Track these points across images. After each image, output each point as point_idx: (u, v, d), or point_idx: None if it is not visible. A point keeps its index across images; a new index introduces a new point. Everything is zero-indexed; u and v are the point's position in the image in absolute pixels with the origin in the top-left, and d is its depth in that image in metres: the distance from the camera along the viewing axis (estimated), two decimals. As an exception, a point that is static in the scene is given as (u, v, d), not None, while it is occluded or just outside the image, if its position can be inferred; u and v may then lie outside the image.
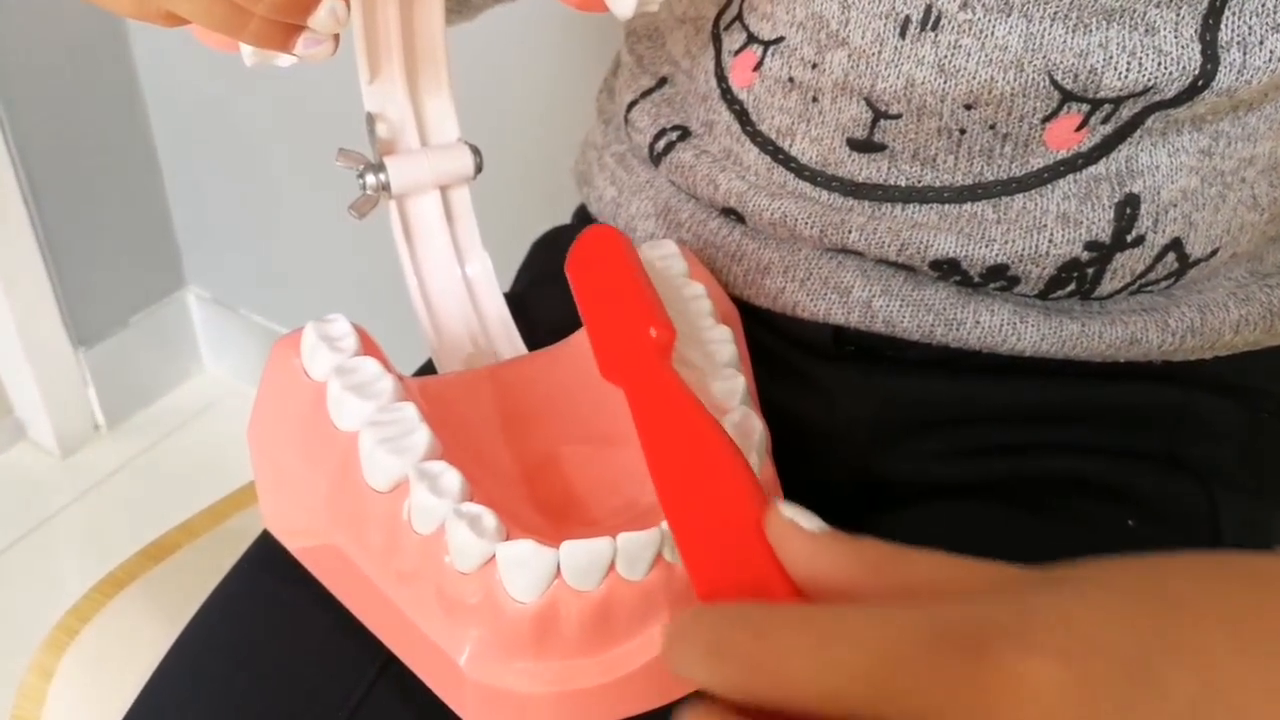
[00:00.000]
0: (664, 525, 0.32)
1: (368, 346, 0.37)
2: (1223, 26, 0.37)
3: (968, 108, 0.40)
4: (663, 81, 0.50)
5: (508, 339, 0.46)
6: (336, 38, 0.35)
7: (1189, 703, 0.21)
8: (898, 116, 0.41)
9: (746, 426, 0.36)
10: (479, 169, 0.46)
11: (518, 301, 0.49)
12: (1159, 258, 0.42)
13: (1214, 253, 0.42)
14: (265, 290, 1.33)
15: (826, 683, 0.21)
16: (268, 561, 0.43)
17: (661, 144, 0.48)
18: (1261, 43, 0.37)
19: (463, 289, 0.47)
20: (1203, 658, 0.21)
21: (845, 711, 0.21)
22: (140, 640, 0.59)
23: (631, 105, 0.51)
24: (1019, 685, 0.21)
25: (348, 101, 0.46)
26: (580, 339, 0.43)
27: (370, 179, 0.44)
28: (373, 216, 0.46)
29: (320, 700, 0.39)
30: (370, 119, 0.45)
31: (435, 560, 0.33)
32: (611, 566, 0.32)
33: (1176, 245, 0.42)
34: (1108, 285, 0.42)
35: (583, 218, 0.58)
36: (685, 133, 0.48)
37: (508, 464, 0.38)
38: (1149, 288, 0.43)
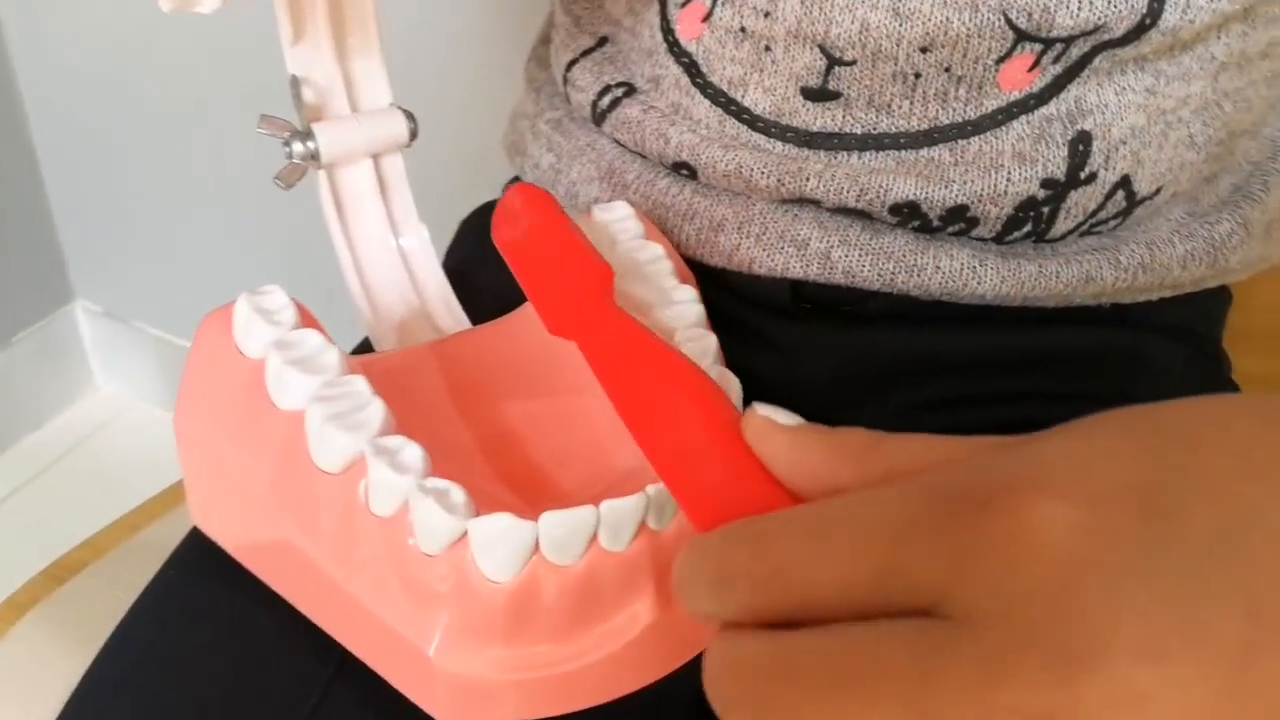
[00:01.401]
0: (649, 490, 0.30)
1: (307, 320, 0.34)
2: None
3: (923, 51, 0.40)
4: (603, 41, 0.48)
5: (450, 313, 0.44)
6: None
7: (1211, 533, 0.19)
8: (852, 63, 0.40)
9: (724, 385, 0.34)
10: (414, 135, 0.44)
11: (455, 277, 0.47)
12: (1109, 195, 0.42)
13: (1157, 191, 0.43)
14: (161, 301, 1.27)
15: (833, 576, 0.20)
16: (198, 564, 0.40)
17: (605, 101, 0.46)
18: None
19: (399, 262, 0.44)
20: (1219, 487, 0.20)
21: (862, 600, 0.20)
22: (48, 667, 0.54)
23: (571, 64, 0.48)
24: (1035, 533, 0.19)
25: (249, 87, 0.43)
26: (531, 309, 0.41)
27: (297, 147, 0.41)
28: (300, 188, 0.43)
29: (273, 707, 0.35)
30: (295, 83, 0.42)
31: (398, 544, 0.30)
32: (593, 538, 0.30)
33: (1125, 183, 0.42)
34: (1061, 225, 0.43)
35: None
36: (631, 89, 0.46)
37: (465, 441, 0.36)
38: (1098, 228, 0.44)
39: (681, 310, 0.37)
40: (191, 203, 1.16)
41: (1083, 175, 0.41)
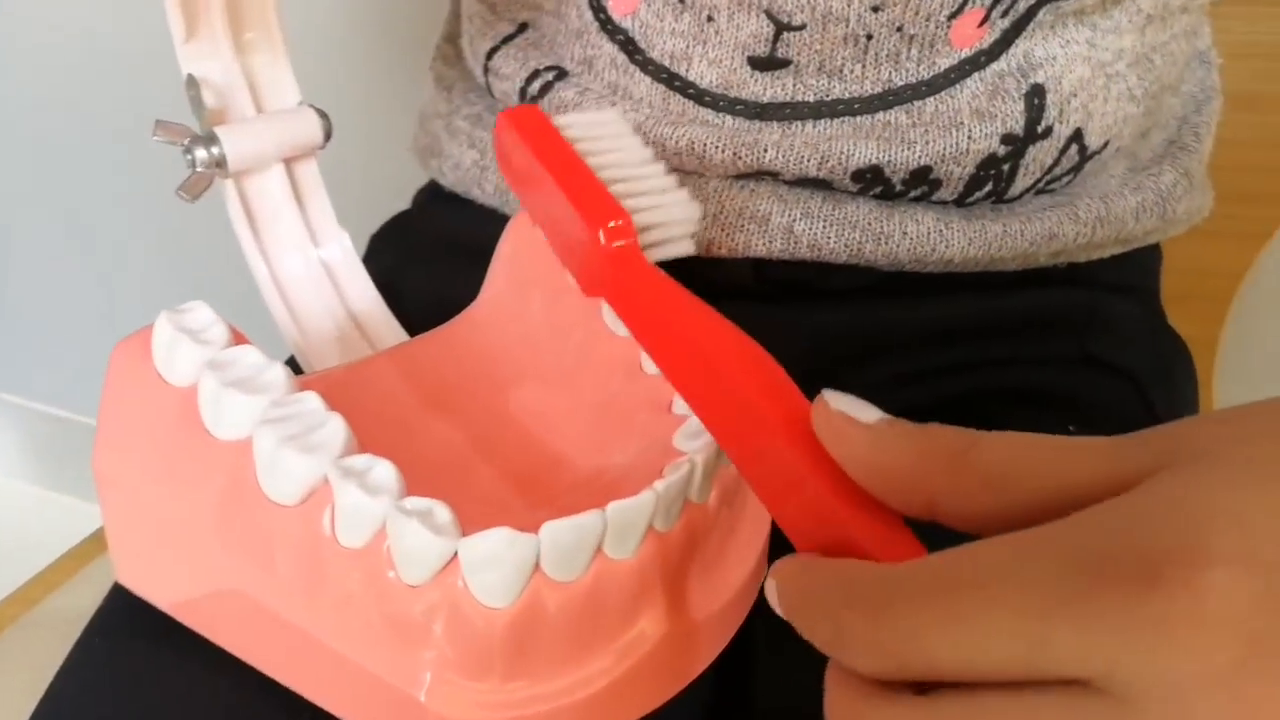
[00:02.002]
0: (658, 488, 0.27)
1: (238, 337, 0.31)
2: None
3: (875, 10, 0.38)
4: (524, 26, 0.45)
5: (385, 324, 0.40)
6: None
7: None
8: (801, 27, 0.39)
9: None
10: (328, 135, 0.40)
11: (381, 289, 0.43)
12: (1064, 150, 0.42)
13: (1104, 145, 0.43)
14: (10, 366, 1.18)
15: (969, 651, 0.19)
16: (128, 628, 0.35)
17: (535, 86, 0.44)
18: None
19: (321, 274, 0.40)
20: None
21: (1000, 674, 0.19)
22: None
23: (491, 53, 0.45)
24: (1206, 606, 0.17)
25: (100, 102, 0.39)
26: (484, 309, 0.37)
27: (200, 153, 0.37)
28: (205, 201, 0.38)
29: (235, 779, 0.31)
30: (192, 83, 0.38)
31: (375, 577, 0.27)
32: (598, 547, 0.27)
33: (1078, 136, 0.42)
34: (1020, 183, 0.42)
35: (432, 195, 0.52)
36: (562, 72, 0.43)
37: (430, 455, 0.32)
38: (1052, 184, 0.44)
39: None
40: (45, 243, 1.08)
41: (1039, 129, 0.41)
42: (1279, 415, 0.20)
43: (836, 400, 0.23)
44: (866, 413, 0.23)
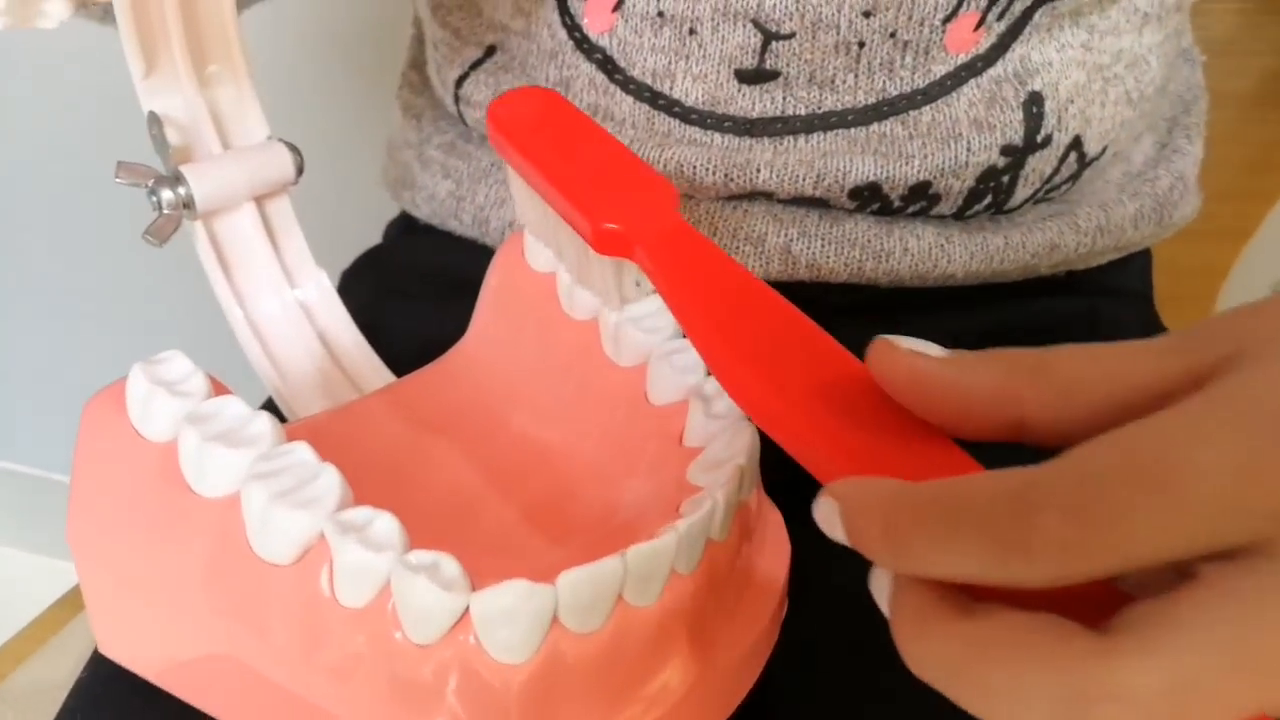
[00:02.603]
0: (680, 527, 0.25)
1: (218, 388, 0.29)
2: None
3: (866, 15, 0.37)
4: (491, 50, 0.44)
5: (368, 364, 0.38)
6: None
7: None
8: (790, 36, 0.37)
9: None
10: (300, 170, 0.38)
11: (361, 327, 0.41)
12: (1063, 159, 0.41)
13: (1103, 151, 0.43)
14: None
15: (1174, 528, 0.18)
16: (112, 699, 0.33)
17: None
18: None
19: (299, 315, 0.38)
20: None
21: (1192, 549, 0.18)
22: None
23: (461, 80, 0.44)
24: None
25: (63, 148, 0.37)
26: (474, 343, 0.36)
27: (167, 194, 0.35)
28: (174, 245, 0.36)
29: None
30: (154, 121, 0.36)
31: (380, 637, 0.25)
32: (619, 595, 0.25)
33: (1077, 144, 0.41)
34: (1020, 194, 0.41)
35: (405, 227, 0.51)
36: None
37: (435, 500, 0.30)
38: (1051, 194, 0.43)
39: (653, 322, 0.33)
40: (13, 296, 1.05)
41: (1039, 139, 0.40)
42: None
43: (902, 341, 0.22)
44: (929, 347, 0.22)
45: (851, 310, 0.42)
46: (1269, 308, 0.21)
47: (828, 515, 0.21)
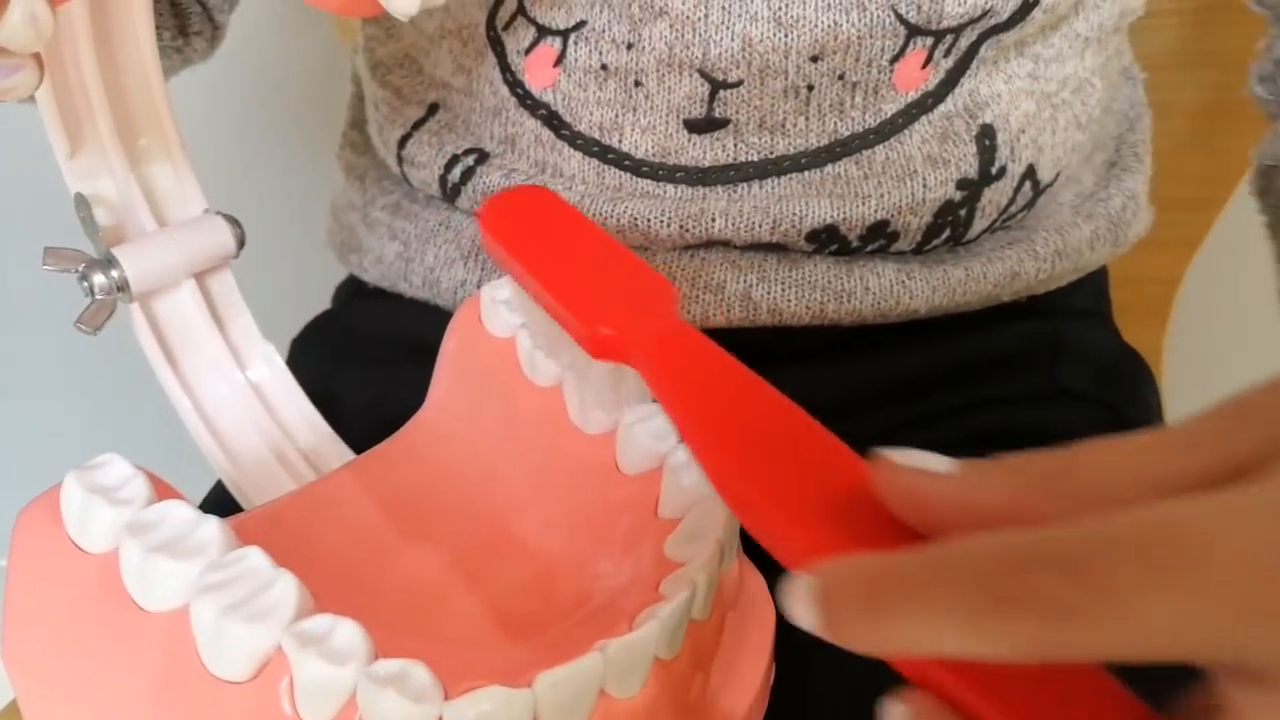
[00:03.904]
0: (661, 614, 0.24)
1: (162, 490, 0.27)
2: None
3: (814, 60, 0.37)
4: (434, 108, 0.43)
5: (326, 441, 0.37)
6: (40, 63, 0.25)
7: None
8: (738, 84, 0.37)
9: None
10: (241, 243, 0.36)
11: (312, 399, 0.40)
12: (1018, 188, 0.41)
13: (1056, 177, 0.42)
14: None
15: (1184, 615, 0.16)
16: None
17: (456, 172, 0.41)
18: None
19: (250, 397, 0.37)
20: None
21: (1195, 649, 0.16)
22: None
23: (404, 140, 0.42)
24: None
25: None
26: (434, 412, 0.34)
27: (99, 279, 0.34)
28: (110, 333, 0.35)
29: None
30: (82, 203, 0.34)
31: (347, 755, 0.23)
32: (600, 690, 0.24)
33: (1031, 173, 0.41)
34: (978, 225, 0.41)
35: (353, 292, 0.49)
36: (483, 155, 0.41)
37: (402, 588, 0.29)
38: (1008, 222, 0.43)
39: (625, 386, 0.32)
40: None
41: (993, 170, 0.40)
42: None
43: (902, 456, 0.20)
44: (935, 462, 0.20)
45: (814, 351, 0.41)
46: None
47: (800, 595, 0.19)
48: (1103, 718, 0.18)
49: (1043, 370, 0.45)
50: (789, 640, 0.30)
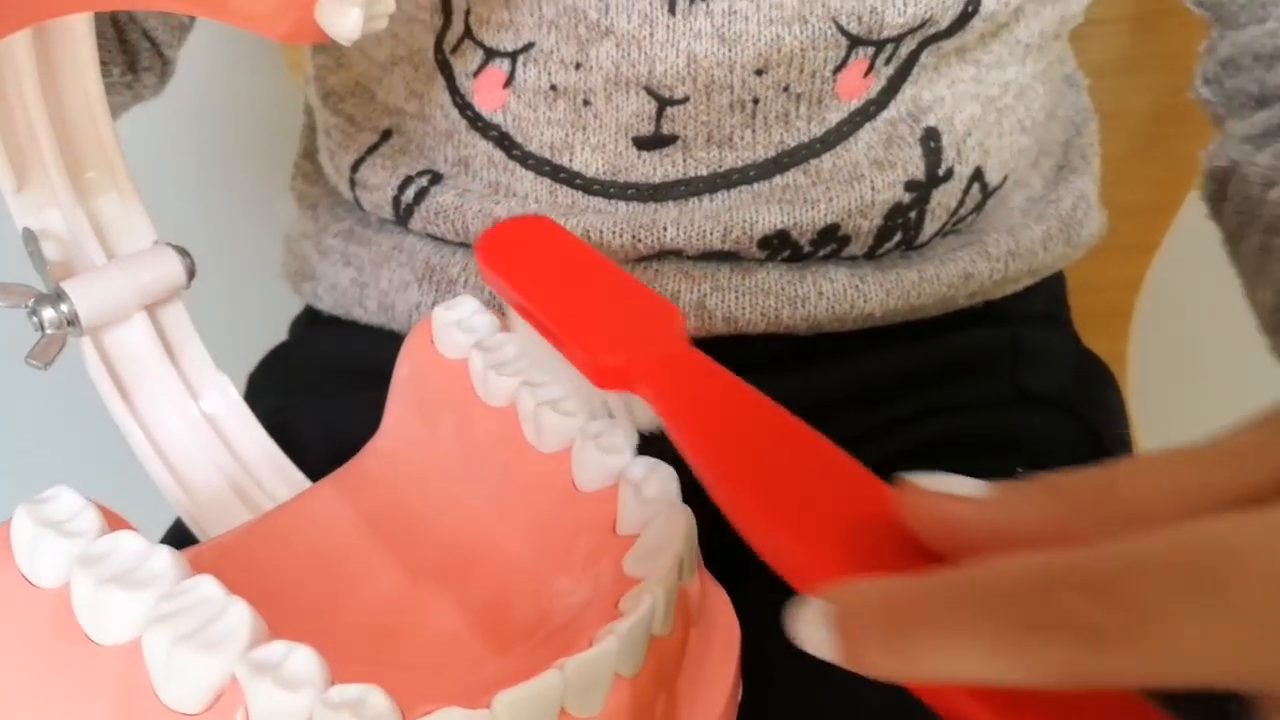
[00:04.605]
0: (619, 629, 0.24)
1: (114, 521, 0.27)
2: None
3: (758, 73, 0.37)
4: (387, 134, 0.43)
5: (282, 472, 0.36)
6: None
7: None
8: (684, 100, 0.37)
9: (662, 478, 0.29)
10: (192, 274, 0.36)
11: (270, 431, 0.39)
12: (966, 190, 0.42)
13: (1004, 180, 0.43)
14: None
15: (1225, 641, 0.15)
16: None
17: (409, 193, 0.41)
18: None
19: (205, 428, 0.36)
20: None
21: (1237, 676, 0.15)
22: None
23: (357, 165, 0.42)
24: None
25: None
26: (389, 438, 0.34)
27: (48, 313, 0.33)
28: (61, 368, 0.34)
29: None
30: (30, 237, 0.34)
31: (305, 784, 0.23)
32: (560, 709, 0.23)
33: (979, 175, 0.42)
34: (929, 228, 0.41)
35: (309, 321, 0.49)
36: (436, 176, 0.41)
37: (361, 614, 0.29)
38: (959, 225, 0.43)
39: (570, 404, 0.32)
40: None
41: (940, 172, 0.40)
42: None
43: (930, 481, 0.19)
44: (966, 486, 0.19)
45: (771, 361, 0.42)
46: None
47: (815, 620, 0.18)
48: None
49: (1003, 375, 0.45)
50: (755, 656, 0.30)
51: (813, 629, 0.18)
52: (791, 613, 0.18)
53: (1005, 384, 0.45)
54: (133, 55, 0.44)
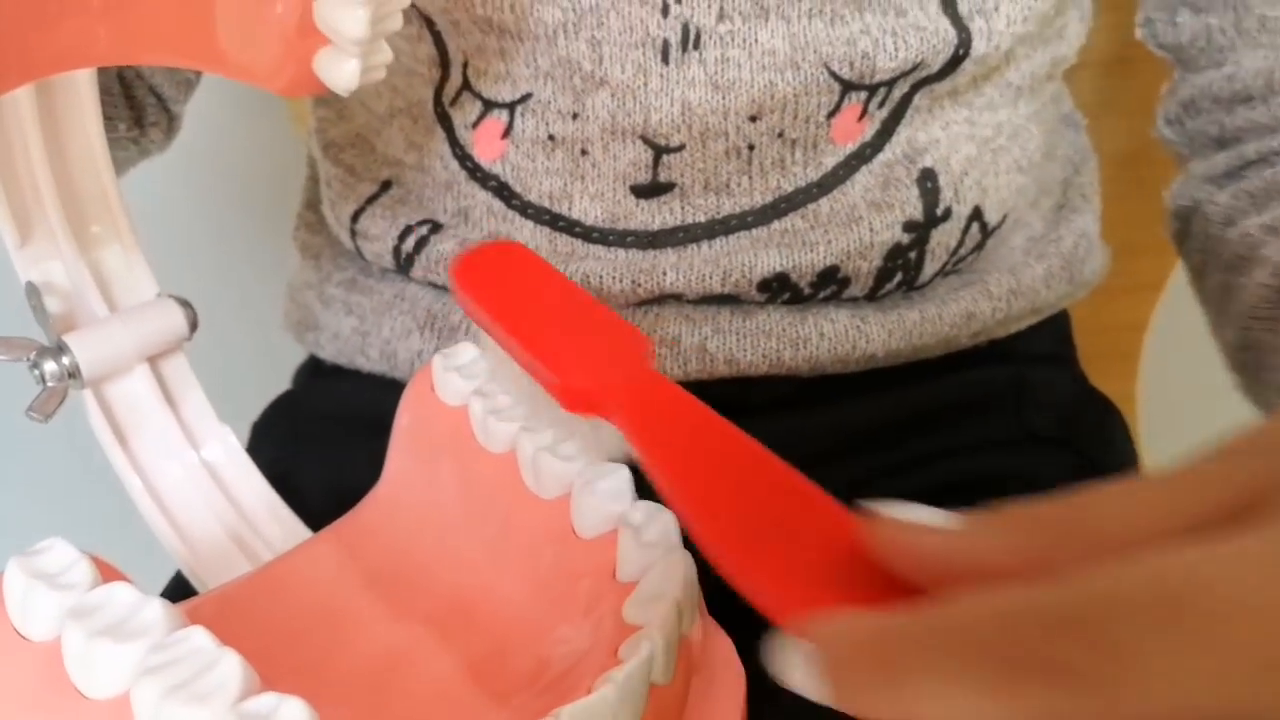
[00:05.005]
0: (616, 676, 0.24)
1: (107, 572, 0.26)
2: (958, 0, 0.38)
3: (753, 120, 0.37)
4: (387, 184, 0.43)
5: (282, 522, 0.36)
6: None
7: None
8: (680, 148, 0.37)
9: (662, 524, 0.29)
10: (194, 326, 0.36)
11: (272, 482, 0.39)
12: (965, 230, 0.42)
13: (1004, 219, 0.43)
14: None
15: (1209, 676, 0.15)
16: None
17: (410, 242, 0.41)
18: (996, 9, 0.38)
19: (204, 477, 0.36)
20: None
21: (1226, 711, 0.15)
22: None
23: (357, 215, 0.43)
24: None
25: None
26: (389, 487, 0.34)
27: (50, 366, 0.33)
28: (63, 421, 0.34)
29: None
30: (33, 291, 0.34)
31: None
32: (559, 758, 0.23)
33: (977, 215, 0.42)
34: (929, 268, 0.41)
35: (312, 371, 0.49)
36: (436, 225, 0.41)
37: (359, 666, 0.28)
38: (959, 265, 0.43)
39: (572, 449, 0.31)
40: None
41: (939, 212, 0.40)
42: None
43: (897, 511, 0.20)
44: (932, 516, 0.19)
45: (775, 404, 0.41)
46: None
47: (803, 660, 0.18)
48: None
49: (1008, 415, 0.45)
50: (761, 703, 0.30)
51: (797, 669, 0.18)
52: (773, 651, 0.18)
53: (1012, 424, 0.45)
54: (139, 111, 0.44)
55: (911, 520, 0.19)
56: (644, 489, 0.27)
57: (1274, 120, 0.40)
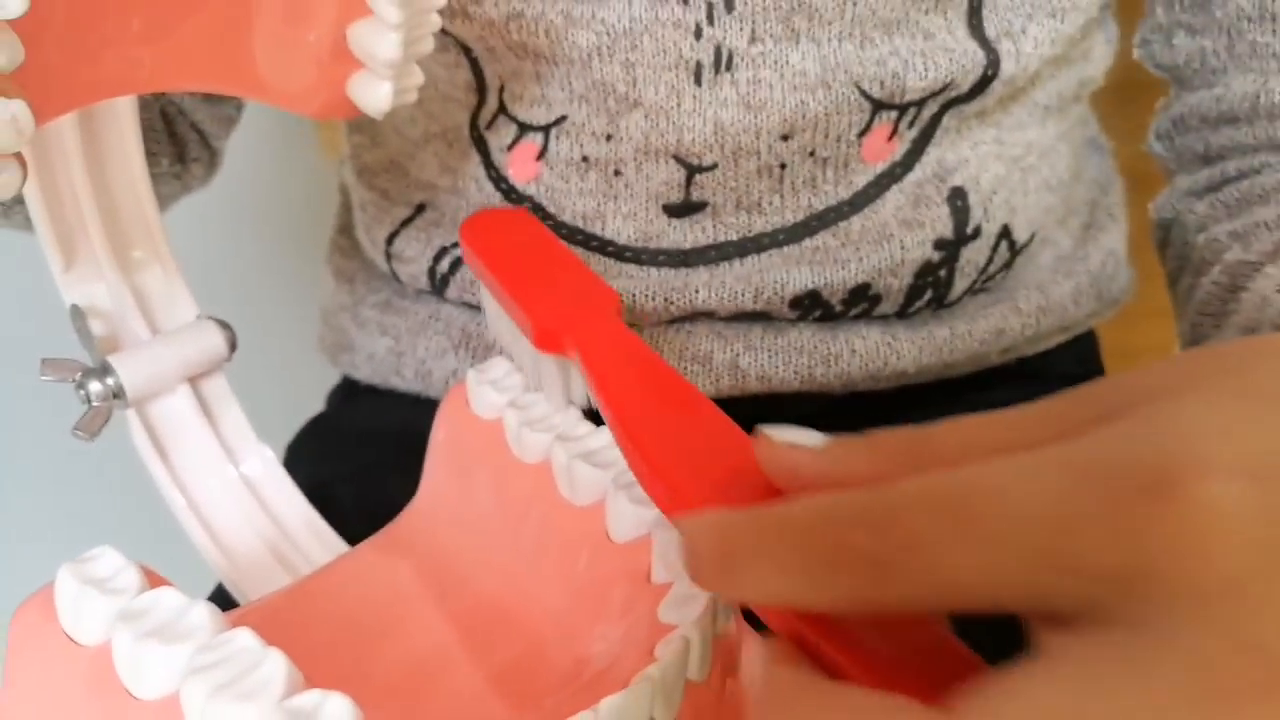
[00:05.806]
0: (653, 673, 0.24)
1: (154, 579, 0.27)
2: (985, 23, 0.39)
3: (784, 139, 0.38)
4: (421, 208, 0.44)
5: (320, 536, 0.37)
6: (23, 163, 0.26)
7: None
8: (712, 167, 0.38)
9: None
10: (233, 347, 0.37)
11: (311, 499, 0.40)
12: (994, 248, 0.42)
13: (1032, 237, 0.43)
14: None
15: (979, 562, 0.17)
16: None
17: (445, 263, 0.42)
18: (1024, 31, 0.39)
19: (244, 492, 0.37)
20: None
21: (1008, 594, 0.17)
22: None
23: (392, 238, 0.44)
24: (1215, 517, 0.16)
25: None
26: (426, 501, 0.34)
27: (95, 386, 0.34)
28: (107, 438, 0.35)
29: None
30: (78, 314, 0.35)
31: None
32: (597, 752, 0.23)
33: (1006, 233, 0.42)
34: (959, 285, 0.42)
35: (346, 392, 0.50)
36: None
37: (397, 670, 0.29)
38: (988, 283, 0.43)
39: (605, 455, 0.32)
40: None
41: (969, 230, 0.41)
42: (1252, 347, 0.20)
43: (780, 432, 0.22)
44: (807, 437, 0.22)
45: (808, 420, 0.42)
46: (1153, 371, 0.20)
47: (675, 546, 0.22)
48: (939, 667, 0.20)
49: None
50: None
51: (675, 555, 0.22)
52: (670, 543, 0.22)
53: None
54: (181, 147, 0.46)
55: (789, 439, 0.22)
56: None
57: (1257, 141, 0.41)
